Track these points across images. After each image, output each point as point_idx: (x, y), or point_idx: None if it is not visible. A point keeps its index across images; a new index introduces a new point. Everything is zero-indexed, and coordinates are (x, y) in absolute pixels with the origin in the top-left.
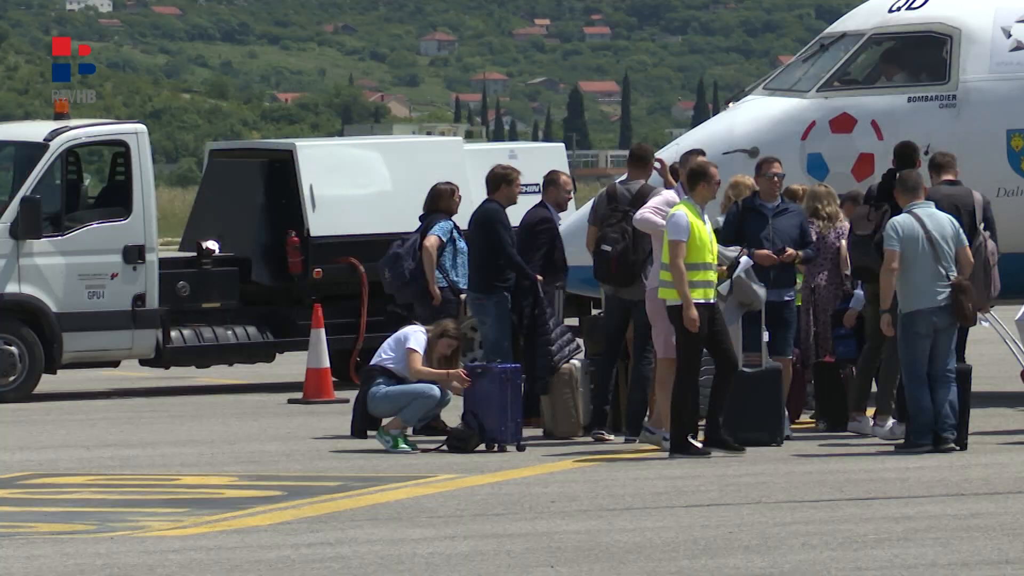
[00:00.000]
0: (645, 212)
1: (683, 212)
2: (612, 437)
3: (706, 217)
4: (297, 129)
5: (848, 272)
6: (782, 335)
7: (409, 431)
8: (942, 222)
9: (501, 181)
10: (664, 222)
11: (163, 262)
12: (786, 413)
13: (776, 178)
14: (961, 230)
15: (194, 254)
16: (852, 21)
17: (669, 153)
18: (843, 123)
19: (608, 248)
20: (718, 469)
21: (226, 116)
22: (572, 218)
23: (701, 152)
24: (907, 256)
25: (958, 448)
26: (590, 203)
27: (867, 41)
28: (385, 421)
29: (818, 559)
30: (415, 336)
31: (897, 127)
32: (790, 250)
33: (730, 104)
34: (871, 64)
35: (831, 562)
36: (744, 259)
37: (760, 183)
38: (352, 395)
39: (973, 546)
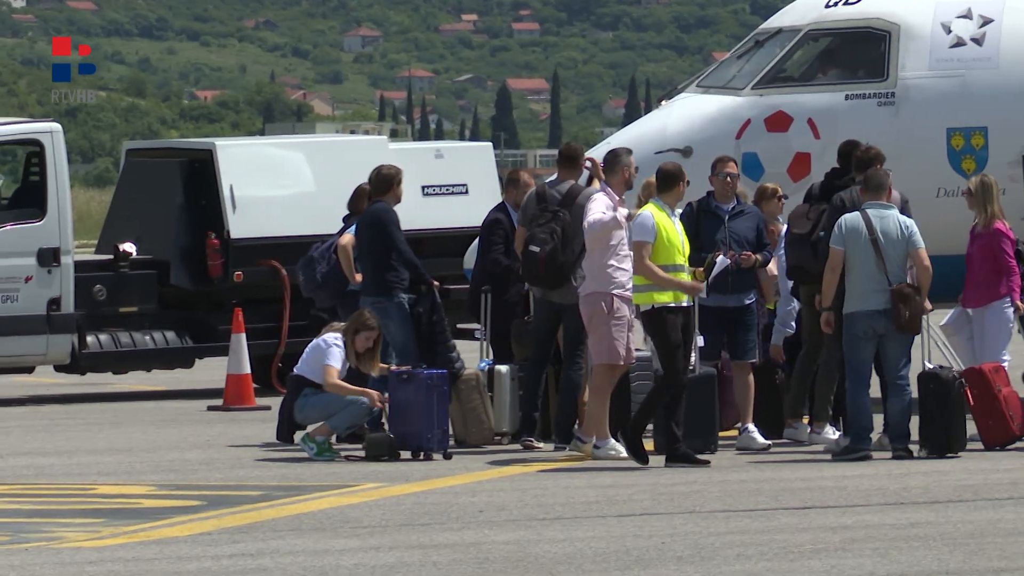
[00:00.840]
0: (594, 216)
1: (649, 213)
2: (541, 445)
3: (676, 219)
4: (217, 128)
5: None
6: (743, 339)
7: (333, 438)
8: (891, 225)
9: (389, 180)
10: (612, 218)
11: (79, 265)
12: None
13: (729, 178)
14: (916, 233)
15: (111, 257)
16: (788, 17)
17: (600, 152)
18: (779, 121)
19: (536, 249)
20: (650, 478)
21: (144, 114)
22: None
23: (628, 151)
24: (848, 256)
25: (908, 456)
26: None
27: (803, 37)
28: (310, 427)
29: (753, 570)
30: (331, 352)
31: (834, 126)
32: (748, 254)
33: (663, 102)
34: (808, 61)
35: (767, 573)
36: (720, 259)
37: (714, 183)
38: (274, 401)
39: (912, 556)
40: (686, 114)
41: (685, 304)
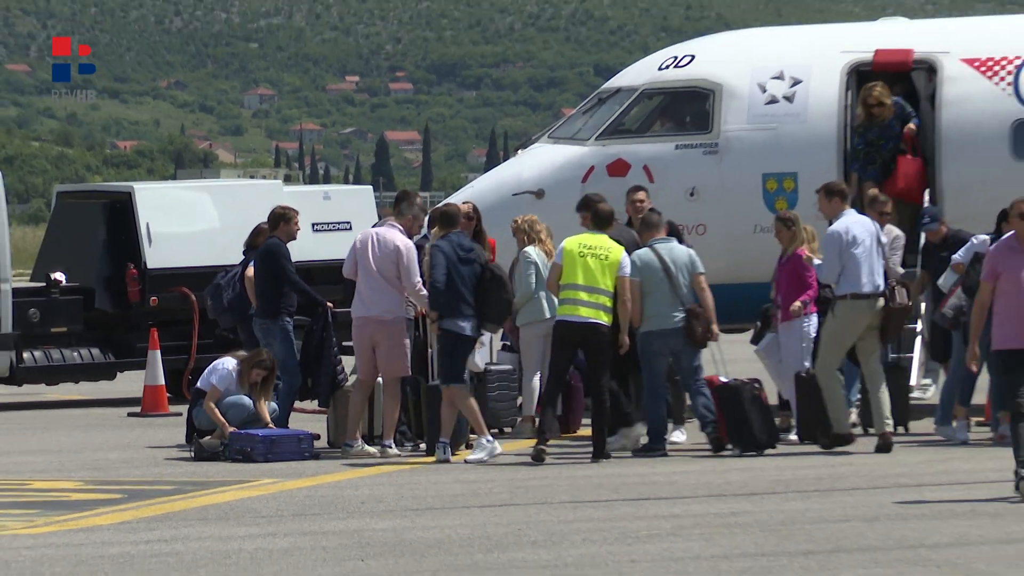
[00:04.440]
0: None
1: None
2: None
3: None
4: (135, 173)
5: None
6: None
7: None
8: (679, 255)
9: (280, 219)
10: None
11: (16, 291)
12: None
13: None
14: (697, 260)
15: (44, 284)
16: (626, 78)
17: (463, 195)
18: (619, 167)
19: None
20: (507, 473)
21: (72, 162)
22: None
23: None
24: (645, 285)
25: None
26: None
27: (640, 95)
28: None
29: (597, 553)
30: (216, 374)
31: (666, 171)
32: None
33: (519, 151)
34: (643, 116)
35: (608, 555)
36: None
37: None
38: (185, 408)
39: (733, 541)
40: (539, 161)
41: (588, 319)
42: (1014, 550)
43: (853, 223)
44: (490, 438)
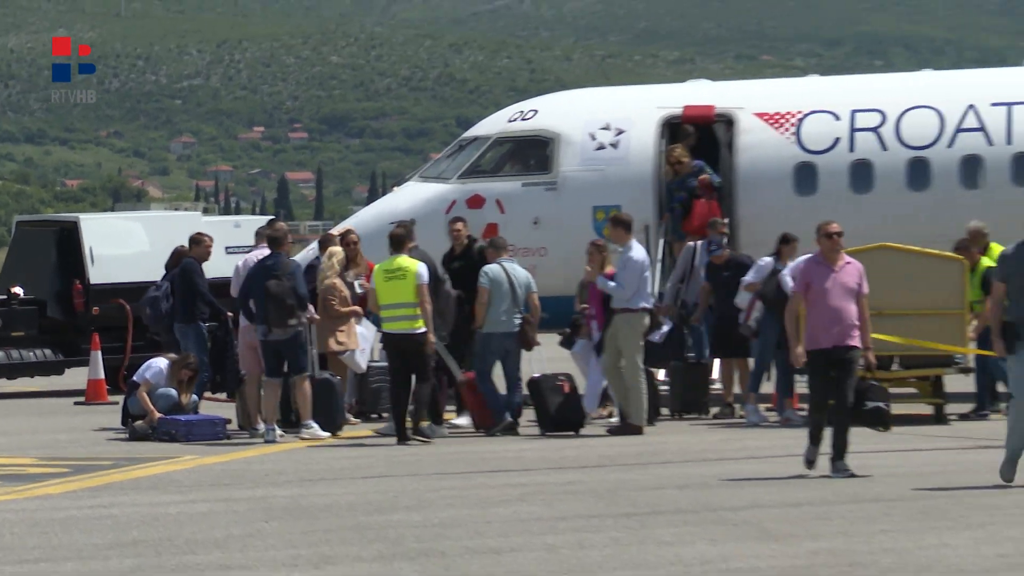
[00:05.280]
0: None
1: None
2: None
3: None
4: (81, 206)
5: None
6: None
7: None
8: (520, 274)
9: (193, 243)
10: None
11: None
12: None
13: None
14: (532, 281)
15: (5, 297)
16: (482, 128)
17: (349, 224)
18: (476, 201)
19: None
20: (385, 451)
21: (29, 197)
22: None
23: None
24: (493, 295)
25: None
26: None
27: (493, 143)
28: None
29: (458, 515)
30: (150, 371)
31: (515, 204)
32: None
33: (395, 188)
34: (496, 159)
35: (468, 517)
36: None
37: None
38: (120, 398)
39: (569, 505)
40: (411, 196)
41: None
42: (798, 512)
43: (639, 250)
44: (311, 423)
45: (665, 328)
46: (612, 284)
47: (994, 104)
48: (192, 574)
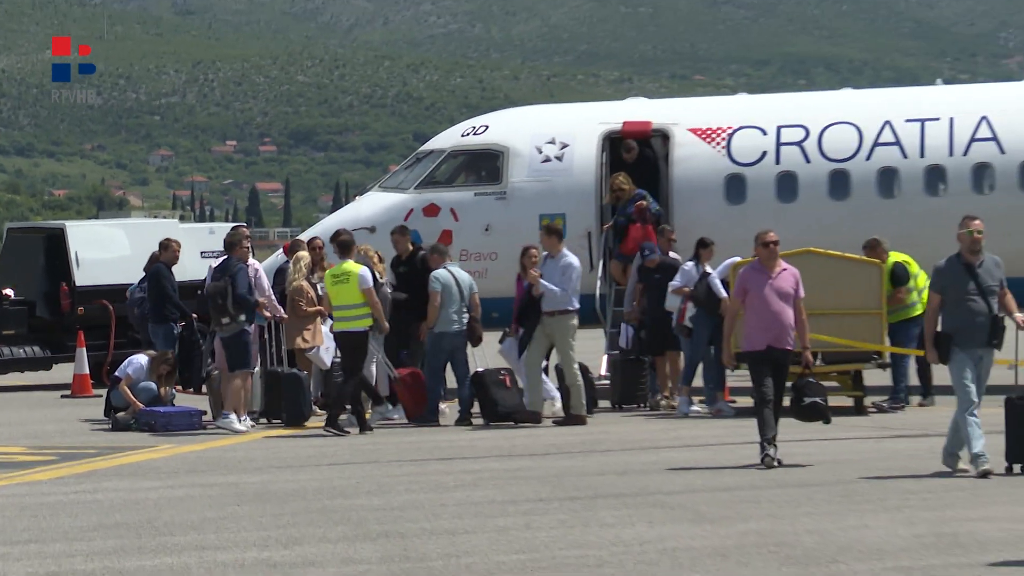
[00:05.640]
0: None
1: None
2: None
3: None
4: (67, 214)
5: None
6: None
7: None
8: (464, 278)
9: (162, 248)
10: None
11: None
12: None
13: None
14: (474, 283)
15: None
16: (437, 142)
17: (314, 231)
18: (432, 210)
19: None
20: (347, 440)
21: (19, 205)
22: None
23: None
24: (444, 297)
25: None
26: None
27: (447, 156)
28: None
29: (416, 499)
30: (132, 366)
31: (467, 212)
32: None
33: (357, 197)
34: (450, 170)
35: (425, 501)
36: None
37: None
38: (104, 391)
39: (519, 489)
40: (372, 205)
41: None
42: (729, 496)
43: (574, 257)
44: (228, 413)
45: (630, 332)
46: (553, 287)
47: (908, 120)
48: (171, 554)
